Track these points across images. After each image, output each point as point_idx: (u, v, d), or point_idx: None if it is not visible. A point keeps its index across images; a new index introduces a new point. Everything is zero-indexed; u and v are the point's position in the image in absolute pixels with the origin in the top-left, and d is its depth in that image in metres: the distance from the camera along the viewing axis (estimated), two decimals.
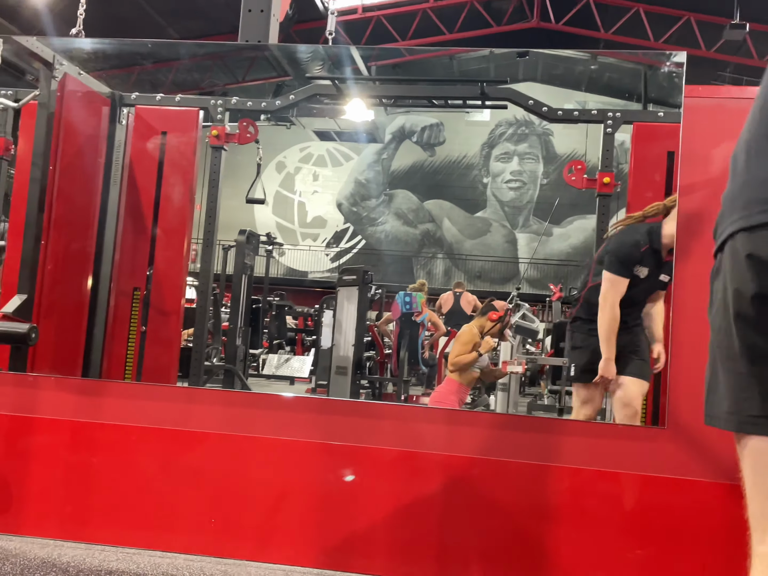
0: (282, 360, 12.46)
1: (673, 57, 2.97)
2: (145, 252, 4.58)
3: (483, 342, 5.14)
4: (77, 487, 2.77)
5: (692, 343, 2.44)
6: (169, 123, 4.64)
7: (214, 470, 2.69)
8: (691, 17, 16.41)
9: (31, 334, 3.25)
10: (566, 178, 4.57)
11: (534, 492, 2.51)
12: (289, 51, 11.38)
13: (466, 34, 18.27)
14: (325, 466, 2.63)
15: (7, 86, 4.64)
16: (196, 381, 4.50)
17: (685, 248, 2.53)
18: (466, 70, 20.36)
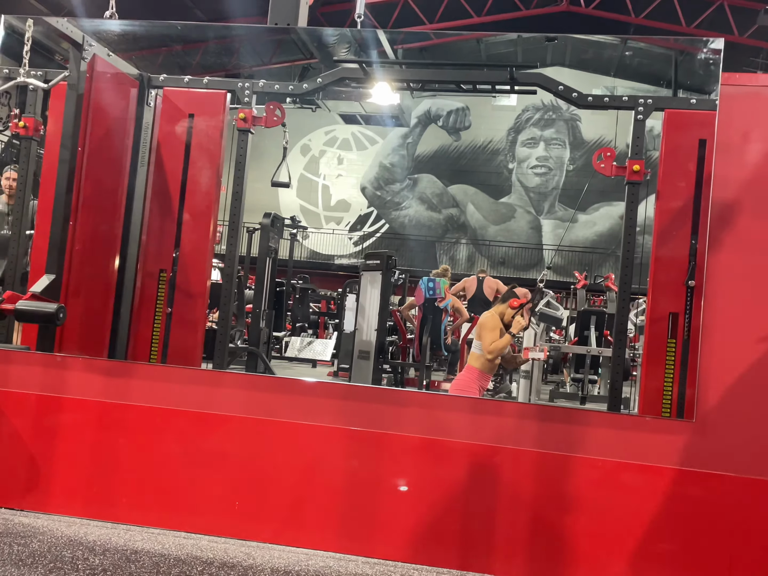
0: (305, 343, 12.51)
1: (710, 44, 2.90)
2: (171, 234, 4.60)
3: (514, 322, 5.09)
4: (103, 467, 2.80)
5: (722, 335, 2.40)
6: (197, 105, 4.64)
7: (238, 453, 2.71)
8: (725, 2, 16.09)
9: (59, 313, 3.28)
10: (595, 165, 4.50)
11: (558, 482, 2.50)
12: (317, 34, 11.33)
13: (495, 18, 18.06)
14: (348, 452, 2.64)
15: (37, 66, 4.66)
16: (220, 363, 4.52)
17: (718, 240, 2.49)
18: (493, 54, 20.14)
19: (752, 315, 2.48)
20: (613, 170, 4.46)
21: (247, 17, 16.65)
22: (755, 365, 2.43)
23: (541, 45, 20.43)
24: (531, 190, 23.80)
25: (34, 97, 5.00)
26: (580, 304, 11.35)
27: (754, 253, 2.48)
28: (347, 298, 11.35)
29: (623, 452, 2.47)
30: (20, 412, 2.87)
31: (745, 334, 2.47)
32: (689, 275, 3.69)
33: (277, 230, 10.22)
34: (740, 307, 2.48)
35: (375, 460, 2.63)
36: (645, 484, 2.45)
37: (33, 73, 4.51)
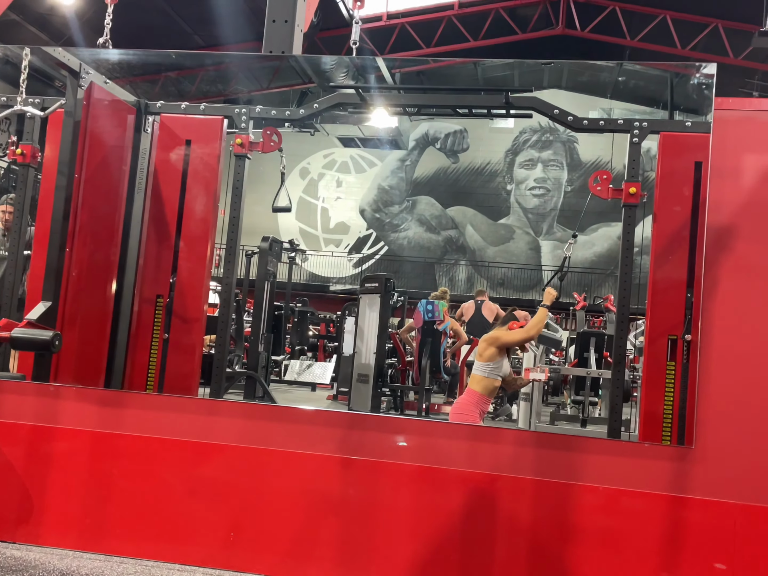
0: (304, 366, 12.47)
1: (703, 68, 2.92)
2: (168, 260, 4.59)
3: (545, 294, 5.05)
4: (97, 498, 2.77)
5: (721, 361, 2.39)
6: (194, 131, 4.66)
7: (234, 483, 2.68)
8: (719, 24, 16.24)
9: (54, 341, 3.26)
10: (591, 188, 4.51)
11: (557, 511, 2.47)
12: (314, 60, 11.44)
13: (491, 41, 18.22)
14: (346, 481, 2.61)
15: (36, 93, 4.68)
16: (217, 390, 4.50)
17: (714, 264, 2.48)
18: (490, 77, 20.30)
19: (750, 340, 2.46)
20: (610, 193, 4.46)
21: (246, 42, 16.80)
22: (754, 391, 2.42)
23: (537, 68, 20.60)
24: (529, 211, 23.87)
25: (32, 124, 5.01)
26: (580, 326, 11.32)
27: (751, 277, 2.47)
28: (346, 321, 11.33)
29: (623, 479, 2.44)
30: (13, 442, 2.84)
31: (743, 359, 2.45)
32: (685, 329, 3.66)
33: (276, 254, 10.23)
34: (738, 332, 2.47)
35: (373, 489, 2.60)
36: (645, 511, 2.42)
37: (30, 101, 4.53)
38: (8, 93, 4.43)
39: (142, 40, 16.75)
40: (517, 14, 18.16)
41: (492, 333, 5.37)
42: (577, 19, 17.51)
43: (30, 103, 4.49)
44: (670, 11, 16.47)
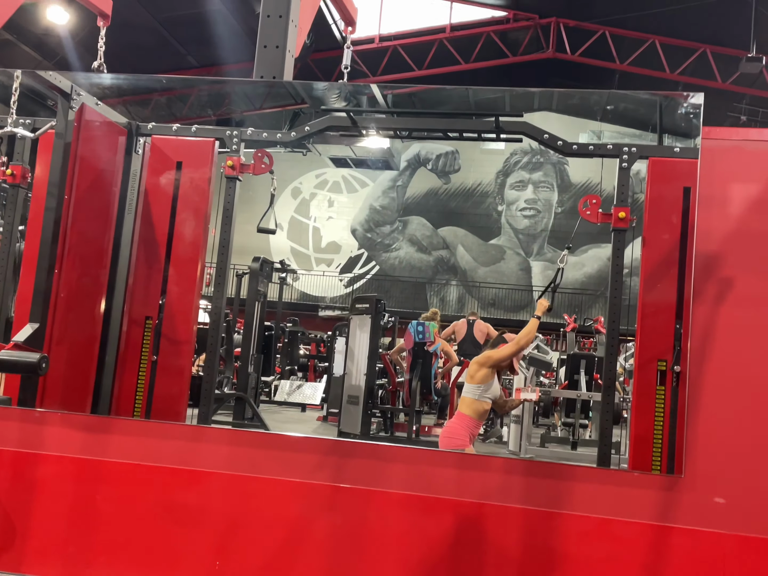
0: (294, 386, 12.42)
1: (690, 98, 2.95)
2: (157, 281, 4.57)
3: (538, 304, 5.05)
4: (81, 525, 2.73)
5: (709, 390, 2.39)
6: (185, 153, 4.65)
7: (221, 511, 2.65)
8: (707, 49, 16.44)
9: (41, 363, 3.23)
10: (581, 212, 4.52)
11: (546, 539, 2.45)
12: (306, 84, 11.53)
13: (482, 64, 18.40)
14: (333, 509, 2.58)
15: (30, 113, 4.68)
16: (206, 413, 4.46)
17: (703, 292, 2.48)
18: (481, 99, 20.44)
19: (738, 368, 2.46)
20: (599, 217, 4.47)
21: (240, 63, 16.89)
22: (743, 420, 2.41)
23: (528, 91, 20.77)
24: (520, 232, 23.98)
25: (22, 145, 5.01)
26: (570, 348, 11.34)
27: (738, 306, 2.48)
28: (337, 341, 11.30)
29: (612, 508, 2.42)
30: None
31: (732, 388, 2.45)
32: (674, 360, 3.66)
33: (266, 274, 10.22)
34: (726, 360, 2.47)
35: (360, 518, 2.58)
36: (634, 541, 2.41)
37: (21, 122, 4.52)
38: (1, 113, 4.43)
39: (136, 60, 16.83)
40: (508, 38, 18.36)
41: (483, 354, 5.36)
42: (567, 43, 17.71)
43: (21, 124, 4.49)
44: (659, 36, 16.69)
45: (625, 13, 16.37)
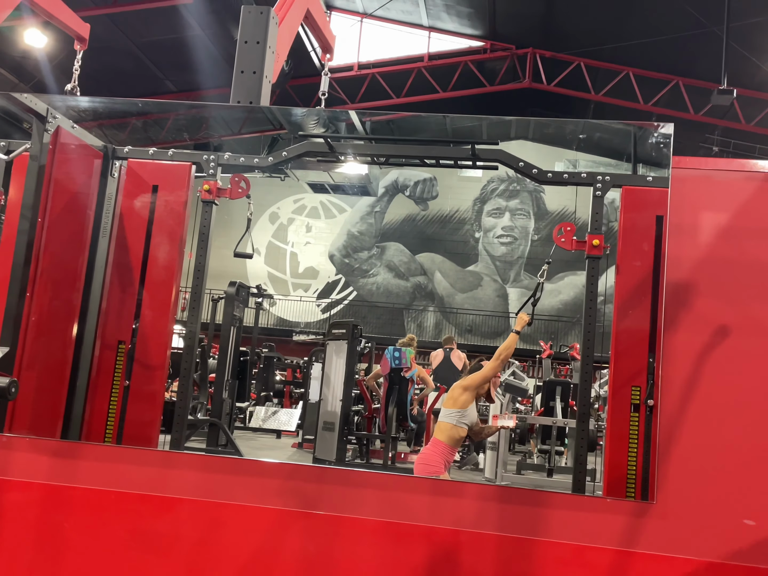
0: (269, 412, 12.32)
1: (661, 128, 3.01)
2: (131, 305, 4.53)
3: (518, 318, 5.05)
4: (48, 552, 2.68)
5: (681, 417, 2.40)
6: (161, 177, 4.64)
7: (191, 538, 2.61)
8: (680, 81, 16.79)
9: (11, 388, 3.18)
10: (556, 239, 4.56)
11: (521, 567, 2.44)
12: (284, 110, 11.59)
13: (460, 93, 18.63)
14: (307, 536, 2.55)
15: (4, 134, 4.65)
16: (178, 439, 4.41)
17: (673, 320, 2.51)
18: (458, 128, 20.69)
19: (709, 395, 2.49)
20: (574, 245, 4.51)
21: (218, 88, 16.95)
22: (714, 447, 2.43)
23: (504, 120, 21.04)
24: (497, 258, 24.15)
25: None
26: (546, 374, 11.37)
27: (709, 333, 2.51)
28: (313, 367, 11.25)
29: (585, 535, 2.42)
30: None
31: (703, 415, 2.47)
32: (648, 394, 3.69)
33: (243, 299, 10.17)
34: (696, 389, 2.49)
35: (333, 545, 2.55)
36: (607, 567, 2.40)
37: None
38: None
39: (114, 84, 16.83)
40: (485, 67, 18.63)
41: (467, 377, 5.36)
42: (543, 73, 17.99)
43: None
44: (633, 68, 17.02)
45: (601, 45, 16.70)
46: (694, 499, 2.41)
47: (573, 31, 16.87)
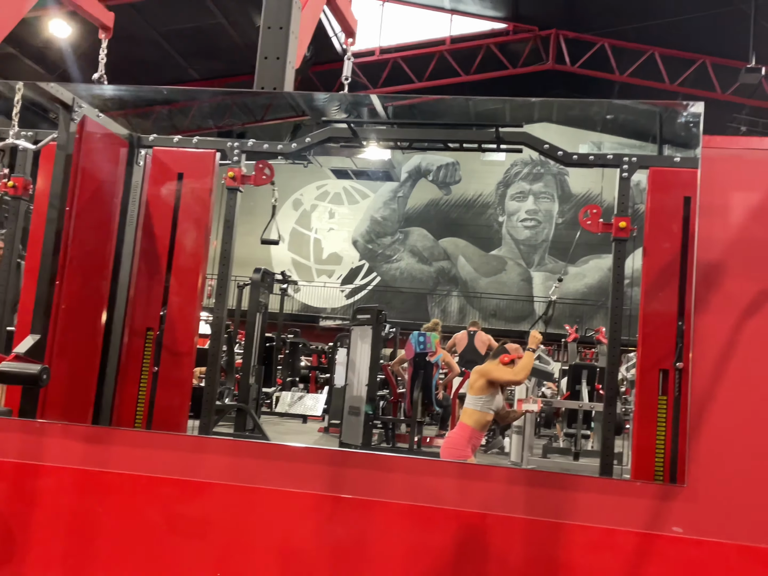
0: (295, 398, 12.40)
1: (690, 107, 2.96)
2: (159, 292, 4.57)
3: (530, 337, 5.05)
4: (82, 537, 2.72)
5: (713, 398, 2.38)
6: (186, 165, 4.67)
7: (222, 522, 2.64)
8: (707, 60, 16.50)
9: (42, 375, 3.23)
10: (582, 222, 4.52)
11: (547, 550, 2.44)
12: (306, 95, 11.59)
13: (483, 76, 18.48)
14: (335, 520, 2.57)
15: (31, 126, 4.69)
16: (206, 424, 4.45)
17: (704, 301, 2.48)
18: (482, 111, 20.51)
19: (741, 376, 2.46)
20: (600, 227, 4.48)
21: (240, 75, 16.97)
22: (746, 428, 2.41)
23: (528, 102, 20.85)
24: (521, 242, 24.01)
25: (24, 157, 5.03)
26: (572, 358, 11.31)
27: (741, 314, 2.48)
28: (338, 353, 11.30)
29: (615, 518, 2.41)
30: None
31: (735, 396, 2.45)
32: (677, 357, 3.67)
33: (268, 285, 10.23)
34: (728, 369, 2.46)
35: (361, 528, 2.56)
36: (637, 551, 2.39)
37: (23, 134, 4.54)
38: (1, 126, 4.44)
39: (137, 74, 16.91)
40: (508, 50, 18.44)
41: (483, 366, 5.36)
42: (567, 55, 17.78)
43: (22, 136, 4.51)
44: (658, 47, 16.75)
45: (625, 25, 16.45)
46: (726, 481, 2.38)
47: (597, 11, 16.63)
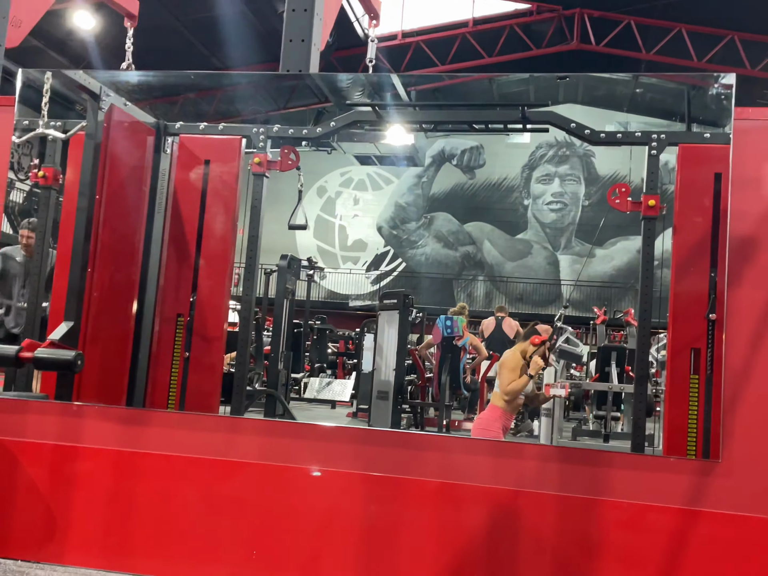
0: (323, 383, 12.48)
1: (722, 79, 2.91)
2: (188, 279, 4.62)
3: (531, 363, 5.04)
4: (120, 516, 2.78)
5: (746, 373, 2.36)
6: (212, 151, 4.70)
7: (256, 501, 2.67)
8: (735, 36, 16.19)
9: (77, 361, 3.29)
10: (610, 201, 4.48)
11: (581, 527, 2.44)
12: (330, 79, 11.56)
13: (506, 58, 18.29)
14: (368, 498, 2.60)
15: (58, 116, 4.75)
16: (237, 408, 4.50)
17: (738, 275, 2.45)
18: (506, 93, 20.34)
19: None
20: (629, 206, 4.44)
21: (262, 63, 16.99)
22: None
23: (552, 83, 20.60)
24: (547, 225, 23.81)
25: (54, 147, 5.08)
26: (600, 340, 11.24)
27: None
28: (365, 338, 11.34)
29: (648, 494, 2.40)
30: (36, 462, 2.86)
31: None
32: (710, 308, 3.64)
33: (294, 272, 10.28)
34: (763, 342, 2.44)
35: (394, 506, 2.59)
36: (671, 527, 2.39)
37: (52, 124, 4.59)
38: (30, 117, 4.50)
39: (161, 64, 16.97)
40: (532, 30, 18.22)
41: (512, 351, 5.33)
42: (591, 34, 17.53)
43: (51, 126, 4.55)
44: (685, 24, 16.46)
45: (651, 2, 16.17)
46: (762, 455, 2.37)
47: None
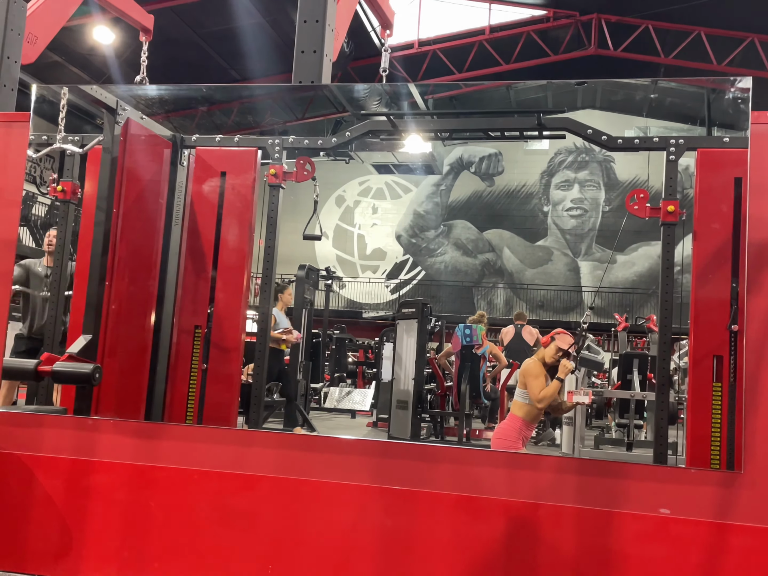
0: (343, 393, 12.47)
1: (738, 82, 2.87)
2: (205, 290, 4.63)
3: (560, 366, 4.99)
4: (136, 531, 2.77)
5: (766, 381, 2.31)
6: (229, 163, 4.71)
7: (272, 515, 2.66)
8: (755, 38, 16.03)
9: (95, 374, 3.30)
10: (629, 207, 4.44)
11: (601, 540, 2.40)
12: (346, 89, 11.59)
13: (523, 64, 18.25)
14: (384, 511, 2.57)
15: (76, 130, 4.79)
16: (255, 420, 4.50)
17: (757, 282, 2.40)
18: (523, 100, 20.29)
19: None
20: (648, 212, 4.39)
21: (281, 74, 17.08)
22: None
23: (570, 89, 20.55)
24: (567, 232, 23.68)
25: (72, 161, 5.13)
26: (622, 347, 11.12)
27: None
28: (384, 347, 11.32)
29: (669, 506, 2.36)
30: (53, 476, 2.86)
31: None
32: (732, 319, 3.58)
33: (312, 282, 10.30)
34: None
35: (412, 520, 2.56)
36: (692, 539, 2.34)
37: (70, 138, 4.63)
38: (48, 131, 4.54)
39: (179, 76, 17.15)
40: (549, 36, 18.17)
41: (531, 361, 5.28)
42: (609, 39, 17.45)
43: (69, 140, 4.60)
44: (704, 27, 16.33)
45: (668, 6, 16.07)
46: None
47: None
